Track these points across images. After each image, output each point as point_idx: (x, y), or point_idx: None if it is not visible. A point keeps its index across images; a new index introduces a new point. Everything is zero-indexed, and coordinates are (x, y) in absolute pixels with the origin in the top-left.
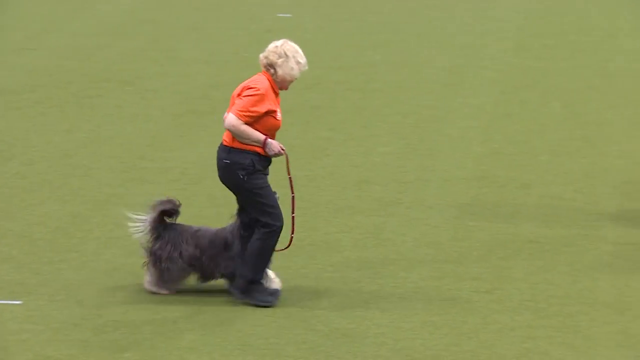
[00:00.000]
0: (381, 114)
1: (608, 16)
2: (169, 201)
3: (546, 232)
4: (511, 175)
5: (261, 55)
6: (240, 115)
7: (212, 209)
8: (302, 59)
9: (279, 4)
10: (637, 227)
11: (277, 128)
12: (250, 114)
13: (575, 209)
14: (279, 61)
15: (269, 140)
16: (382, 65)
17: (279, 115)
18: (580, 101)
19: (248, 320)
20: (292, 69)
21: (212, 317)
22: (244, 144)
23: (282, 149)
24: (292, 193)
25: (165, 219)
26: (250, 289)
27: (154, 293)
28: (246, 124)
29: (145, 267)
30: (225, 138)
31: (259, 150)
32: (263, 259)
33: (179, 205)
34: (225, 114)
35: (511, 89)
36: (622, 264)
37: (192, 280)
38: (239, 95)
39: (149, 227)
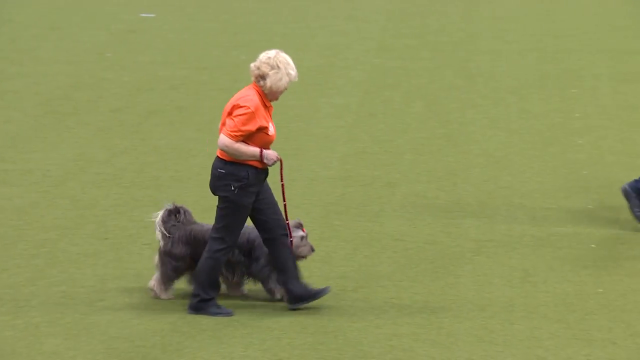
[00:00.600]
0: None
1: (467, 17)
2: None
3: (410, 230)
4: (376, 174)
5: (252, 65)
6: (232, 136)
7: (75, 211)
8: (293, 71)
9: (142, 4)
10: (498, 224)
11: (270, 142)
12: (242, 133)
13: (438, 207)
14: (271, 72)
15: (265, 151)
16: (247, 65)
17: (271, 130)
18: (442, 101)
19: (114, 323)
20: (280, 79)
21: (77, 321)
22: (240, 160)
23: (278, 157)
24: (284, 201)
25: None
26: (203, 306)
27: (156, 296)
28: (238, 142)
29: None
30: (219, 154)
31: (255, 163)
32: (213, 276)
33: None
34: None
35: (375, 89)
36: (483, 260)
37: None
38: (229, 113)
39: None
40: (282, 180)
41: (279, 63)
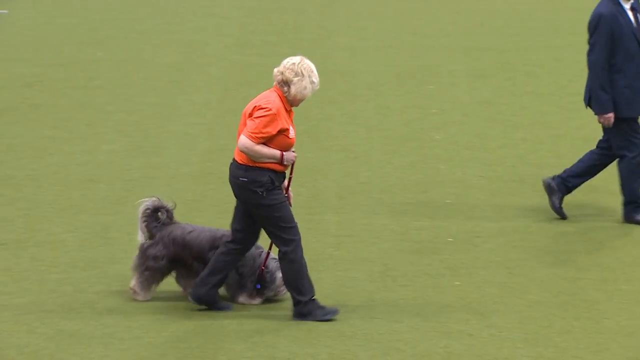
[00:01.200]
0: (105, 112)
1: (325, 15)
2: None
3: None
4: None
5: (276, 70)
6: (253, 137)
7: None
8: (316, 79)
9: None
10: (358, 219)
11: (290, 146)
12: (263, 135)
13: (298, 203)
14: (295, 79)
15: (285, 154)
16: (104, 62)
17: (291, 134)
18: None
19: None
20: (305, 88)
21: None
22: (259, 162)
23: (295, 156)
24: (290, 174)
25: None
26: (308, 310)
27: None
28: (259, 144)
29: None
30: (238, 157)
31: (274, 167)
32: (302, 275)
33: (169, 207)
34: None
35: (234, 86)
36: (343, 255)
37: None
38: (250, 115)
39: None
40: (291, 174)
41: (303, 70)
